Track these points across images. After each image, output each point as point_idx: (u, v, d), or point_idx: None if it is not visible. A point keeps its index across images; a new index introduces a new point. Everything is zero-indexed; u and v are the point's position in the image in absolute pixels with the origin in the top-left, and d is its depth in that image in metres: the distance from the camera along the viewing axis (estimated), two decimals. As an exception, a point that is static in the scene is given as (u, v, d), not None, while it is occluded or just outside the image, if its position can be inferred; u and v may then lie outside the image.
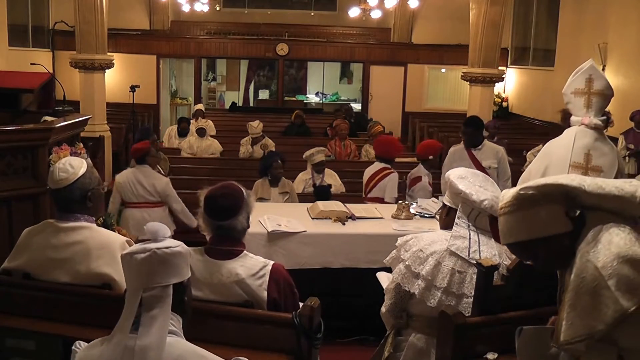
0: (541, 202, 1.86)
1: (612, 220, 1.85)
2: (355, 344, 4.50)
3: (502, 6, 9.63)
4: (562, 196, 1.87)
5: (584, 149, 3.42)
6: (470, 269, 2.64)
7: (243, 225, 2.60)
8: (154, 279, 1.78)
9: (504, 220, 1.93)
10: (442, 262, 2.67)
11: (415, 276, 2.69)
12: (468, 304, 2.62)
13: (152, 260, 1.78)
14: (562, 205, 1.87)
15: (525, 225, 1.88)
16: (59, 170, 2.63)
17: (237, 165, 8.16)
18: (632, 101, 8.35)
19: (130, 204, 5.45)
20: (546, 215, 1.86)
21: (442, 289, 2.64)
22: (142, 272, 1.78)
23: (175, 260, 1.83)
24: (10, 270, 2.67)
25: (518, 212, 1.88)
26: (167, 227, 1.90)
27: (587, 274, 1.78)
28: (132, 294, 1.78)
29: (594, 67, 3.45)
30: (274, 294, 2.55)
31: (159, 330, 1.74)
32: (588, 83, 3.43)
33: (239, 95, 17.48)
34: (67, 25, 11.97)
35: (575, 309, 1.79)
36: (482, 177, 2.83)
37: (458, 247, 2.68)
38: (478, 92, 9.96)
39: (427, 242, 2.75)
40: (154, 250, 1.79)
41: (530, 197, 1.87)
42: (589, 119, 3.42)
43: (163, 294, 1.78)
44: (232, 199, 2.58)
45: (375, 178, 5.83)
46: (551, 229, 1.86)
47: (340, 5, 16.61)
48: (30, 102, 4.81)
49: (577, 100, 3.48)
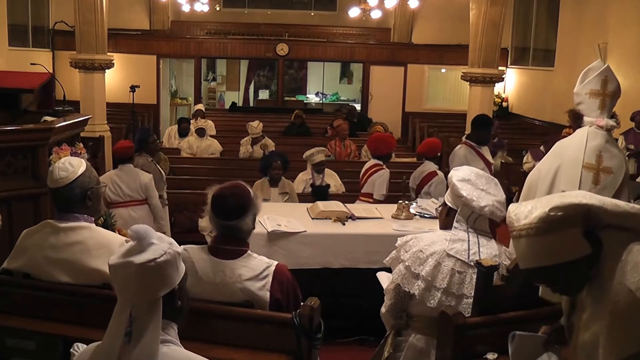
0: (568, 224, 1.75)
1: (629, 239, 1.79)
2: (355, 344, 4.49)
3: (502, 6, 9.63)
4: (582, 217, 1.78)
5: (596, 150, 3.43)
6: (470, 270, 2.64)
7: (249, 226, 2.60)
8: (142, 294, 1.68)
9: (528, 243, 1.79)
10: (442, 263, 2.66)
11: (415, 277, 2.68)
12: (468, 304, 2.62)
13: (138, 276, 1.66)
14: (581, 227, 1.77)
15: (552, 249, 1.76)
16: (59, 169, 2.63)
17: (237, 165, 8.16)
18: (633, 101, 8.34)
19: (116, 204, 5.43)
20: (571, 238, 1.75)
21: (442, 290, 2.63)
22: (129, 288, 1.67)
23: (162, 272, 1.70)
24: (10, 271, 2.67)
25: (546, 236, 1.76)
26: (151, 228, 1.77)
27: (621, 298, 1.72)
28: (121, 307, 1.69)
29: (609, 69, 3.45)
30: (277, 295, 2.55)
31: (150, 342, 1.66)
32: (604, 84, 3.43)
33: (239, 95, 17.48)
34: (67, 25, 11.98)
35: (612, 334, 1.74)
36: (486, 179, 2.80)
37: (457, 250, 2.67)
38: (478, 92, 9.96)
39: (427, 242, 2.74)
40: (138, 266, 1.66)
41: (559, 219, 1.75)
42: (605, 120, 3.42)
43: (152, 306, 1.69)
44: (240, 199, 2.57)
45: (367, 173, 5.94)
46: (576, 253, 1.75)
47: (340, 5, 16.62)
48: (30, 102, 4.81)
49: (591, 102, 3.47)
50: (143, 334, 1.66)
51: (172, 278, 1.74)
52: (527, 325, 2.55)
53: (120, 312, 1.68)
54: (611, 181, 3.41)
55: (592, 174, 3.41)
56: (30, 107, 4.79)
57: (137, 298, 1.67)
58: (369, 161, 6.13)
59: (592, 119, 3.47)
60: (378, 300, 3.01)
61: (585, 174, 3.41)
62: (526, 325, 2.55)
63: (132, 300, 1.67)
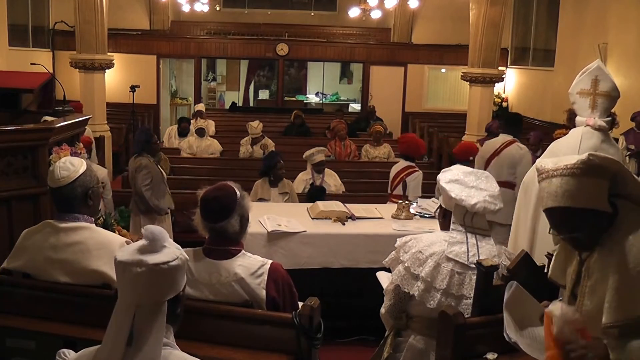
0: (601, 174, 1.83)
1: None
2: (355, 344, 4.49)
3: (502, 6, 9.63)
4: (612, 174, 1.85)
5: (591, 150, 3.42)
6: (470, 271, 2.63)
7: (235, 228, 2.57)
8: (149, 295, 1.66)
9: (564, 182, 1.86)
10: (442, 264, 2.65)
11: (415, 278, 2.67)
12: (467, 305, 2.61)
13: (149, 276, 1.65)
14: (609, 182, 1.85)
15: (583, 192, 1.83)
16: (60, 169, 2.63)
17: (237, 165, 8.16)
18: (633, 101, 8.35)
19: None
20: (600, 187, 1.83)
21: (441, 291, 2.63)
22: (137, 288, 1.65)
23: (172, 276, 1.70)
24: (10, 271, 2.67)
25: (581, 178, 1.83)
26: (166, 231, 1.78)
27: (632, 259, 1.80)
28: (125, 308, 1.65)
29: (601, 68, 3.44)
30: (273, 293, 2.55)
31: (153, 346, 1.65)
32: (594, 84, 3.43)
33: (239, 96, 17.48)
34: (67, 25, 11.98)
35: (619, 293, 1.80)
36: (475, 175, 2.78)
37: (456, 253, 2.66)
38: (478, 92, 9.96)
39: (427, 243, 2.73)
40: (152, 267, 1.65)
41: (597, 165, 1.83)
42: (594, 120, 3.41)
43: (158, 309, 1.68)
44: (224, 201, 2.56)
45: (400, 176, 5.87)
46: (601, 204, 1.83)
47: (340, 5, 16.63)
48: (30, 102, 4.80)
49: (582, 101, 3.47)
50: (146, 338, 1.64)
51: (179, 283, 1.75)
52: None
53: (123, 314, 1.66)
54: None
55: None
56: (30, 107, 4.78)
57: (144, 299, 1.65)
58: (399, 162, 6.02)
59: (583, 119, 3.47)
60: (378, 300, 3.01)
61: None
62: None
63: (138, 301, 1.65)
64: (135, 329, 1.64)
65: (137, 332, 1.64)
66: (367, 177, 7.77)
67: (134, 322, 1.64)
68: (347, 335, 4.52)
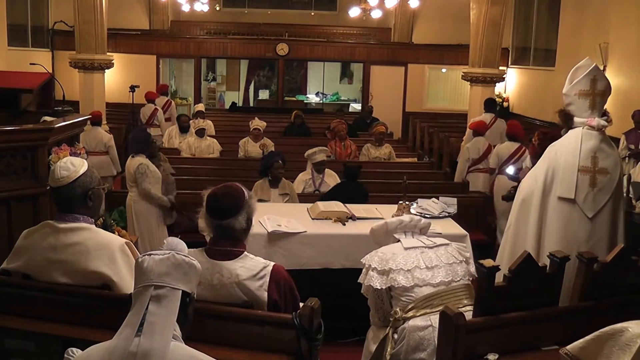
0: None
1: None
2: (355, 344, 4.47)
3: (502, 6, 9.63)
4: None
5: (591, 152, 3.41)
6: (432, 250, 3.17)
7: (242, 225, 2.59)
8: (164, 278, 1.84)
9: None
10: (408, 252, 3.15)
11: (386, 273, 3.10)
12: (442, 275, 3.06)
13: (168, 262, 1.87)
14: None
15: None
16: (60, 169, 2.62)
17: (237, 166, 8.14)
18: (633, 101, 8.34)
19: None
20: None
21: (415, 269, 3.07)
22: (155, 270, 1.85)
23: (189, 270, 1.92)
24: (9, 271, 2.66)
25: None
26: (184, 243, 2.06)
27: None
28: (141, 291, 1.82)
29: (597, 68, 3.43)
30: (275, 296, 2.54)
31: (163, 333, 1.75)
32: (593, 84, 3.42)
33: (239, 96, 17.47)
34: (66, 25, 11.98)
35: None
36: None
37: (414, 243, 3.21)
38: (479, 92, 9.96)
39: (388, 249, 3.23)
40: (173, 254, 1.90)
41: None
42: (596, 120, 3.40)
43: (171, 297, 1.82)
44: (232, 198, 2.59)
45: (517, 154, 7.03)
46: None
47: (341, 5, 16.61)
48: (30, 102, 4.80)
49: (581, 102, 3.45)
50: (157, 325, 1.75)
51: (192, 282, 1.95)
52: (527, 325, 2.55)
53: (141, 301, 1.80)
54: (608, 181, 3.39)
55: (588, 177, 3.38)
56: (30, 107, 4.78)
57: (161, 281, 1.83)
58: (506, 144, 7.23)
59: (583, 120, 3.45)
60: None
61: (581, 177, 3.38)
62: (526, 325, 2.55)
63: (155, 281, 1.82)
64: (147, 316, 1.76)
65: (148, 319, 1.76)
66: (367, 178, 7.75)
67: (147, 311, 1.77)
68: (347, 336, 4.51)
